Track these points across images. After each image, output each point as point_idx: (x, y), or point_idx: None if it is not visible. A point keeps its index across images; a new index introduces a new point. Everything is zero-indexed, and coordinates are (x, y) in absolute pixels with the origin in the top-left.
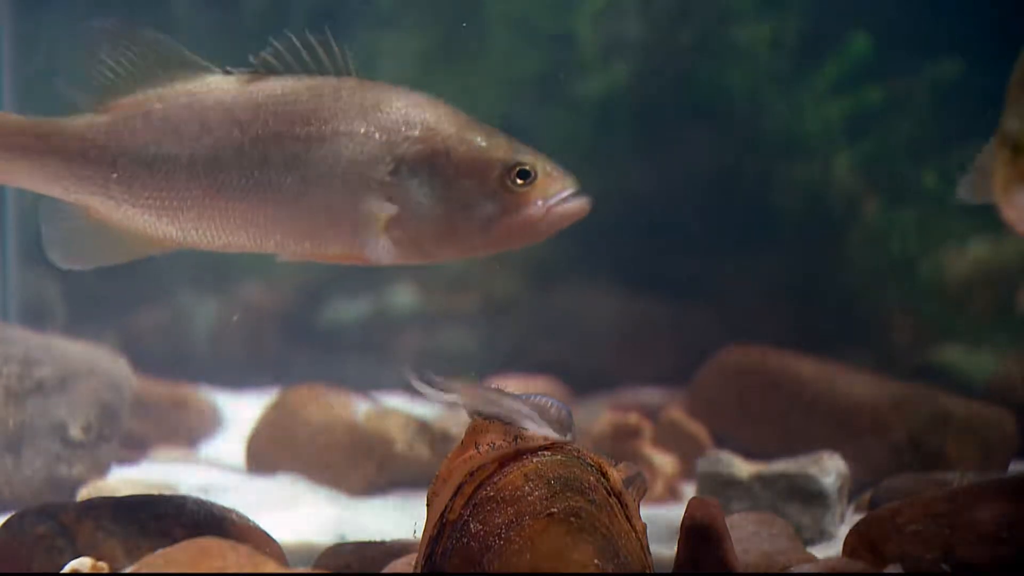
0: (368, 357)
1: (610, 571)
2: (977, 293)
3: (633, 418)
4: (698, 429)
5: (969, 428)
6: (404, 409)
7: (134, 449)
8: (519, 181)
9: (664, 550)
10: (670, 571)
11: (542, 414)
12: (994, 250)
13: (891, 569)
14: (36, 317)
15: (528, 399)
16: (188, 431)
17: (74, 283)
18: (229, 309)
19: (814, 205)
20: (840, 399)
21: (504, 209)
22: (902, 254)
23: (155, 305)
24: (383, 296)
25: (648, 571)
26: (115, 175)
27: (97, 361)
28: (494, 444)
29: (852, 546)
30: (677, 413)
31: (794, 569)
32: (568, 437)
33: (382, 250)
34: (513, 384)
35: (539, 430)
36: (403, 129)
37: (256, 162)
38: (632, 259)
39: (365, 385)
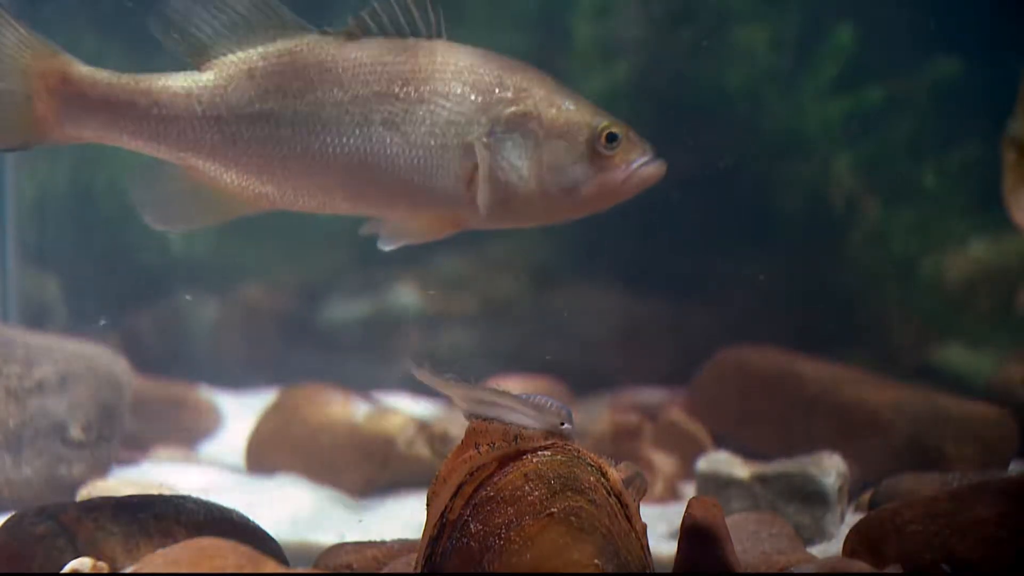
0: (368, 357)
1: (610, 571)
2: (977, 293)
3: (633, 418)
4: (698, 429)
5: (969, 428)
6: (404, 409)
7: (134, 449)
8: (607, 144)
9: (664, 550)
10: (670, 571)
11: (542, 414)
12: (994, 250)
13: (891, 569)
14: (36, 317)
15: (528, 399)
16: (188, 431)
17: (74, 283)
18: (229, 309)
19: (814, 205)
20: (840, 399)
21: (592, 171)
22: (902, 254)
23: (155, 305)
24: (383, 296)
25: (648, 571)
26: (219, 132)
27: (97, 361)
28: (494, 444)
29: (852, 546)
30: (677, 413)
31: (794, 569)
32: (568, 437)
33: (474, 212)
34: (513, 384)
35: (539, 430)
36: (497, 91)
37: (357, 121)
38: (632, 259)
39: (365, 385)
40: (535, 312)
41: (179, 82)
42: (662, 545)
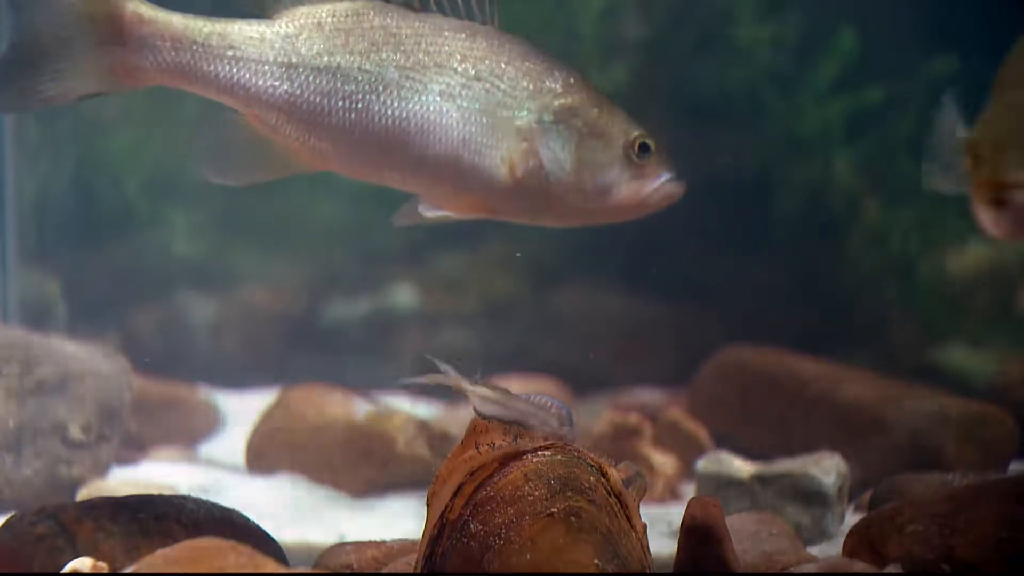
0: (368, 357)
1: (610, 571)
2: (977, 293)
3: (633, 418)
4: (698, 429)
5: (969, 428)
6: (404, 409)
7: (134, 449)
8: (638, 154)
9: (664, 550)
10: (670, 571)
11: (542, 414)
12: (994, 250)
13: (891, 569)
14: (36, 317)
15: (528, 399)
16: (188, 431)
17: (74, 283)
18: (229, 309)
19: (814, 205)
20: (840, 399)
21: (624, 178)
22: (902, 254)
23: (155, 305)
24: (383, 296)
25: (648, 571)
26: (288, 80)
27: (97, 361)
28: (494, 444)
29: (852, 546)
30: (677, 413)
31: (794, 569)
32: (568, 437)
33: (511, 199)
34: (513, 384)
35: (539, 430)
36: (547, 81)
37: (417, 88)
38: (632, 259)
39: (365, 385)
40: (535, 312)
41: (252, 26)
42: (662, 545)
